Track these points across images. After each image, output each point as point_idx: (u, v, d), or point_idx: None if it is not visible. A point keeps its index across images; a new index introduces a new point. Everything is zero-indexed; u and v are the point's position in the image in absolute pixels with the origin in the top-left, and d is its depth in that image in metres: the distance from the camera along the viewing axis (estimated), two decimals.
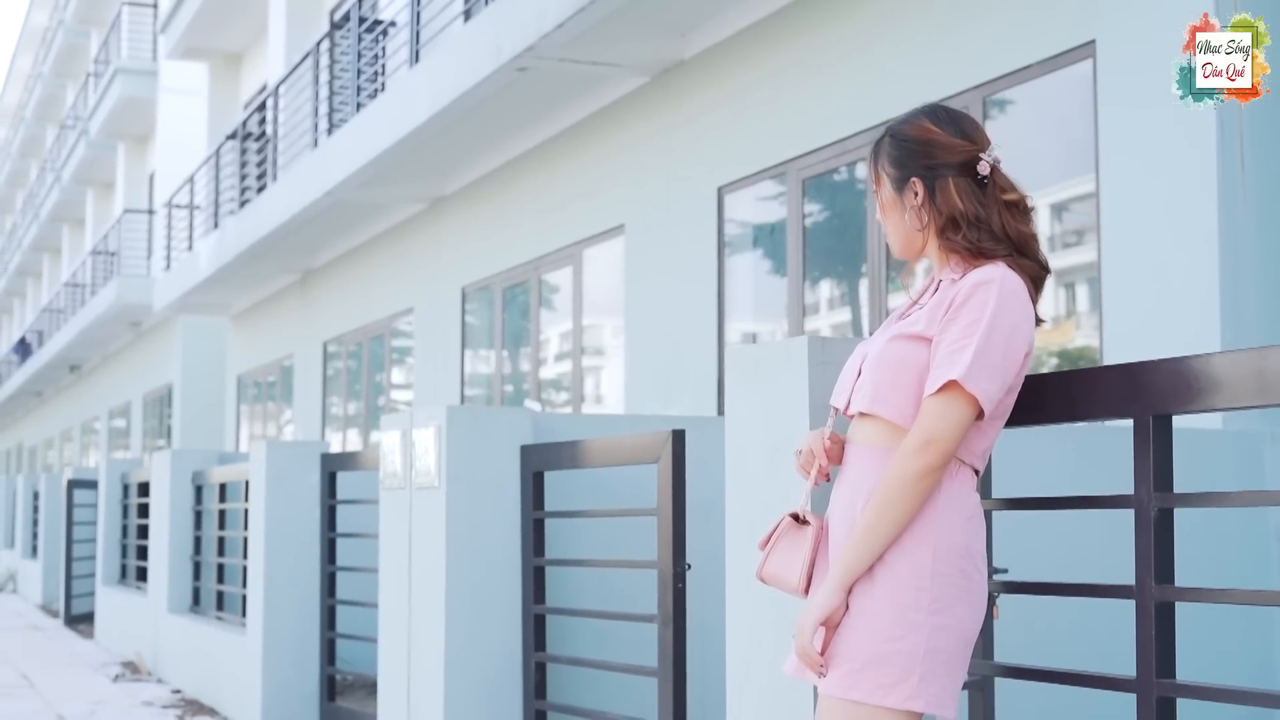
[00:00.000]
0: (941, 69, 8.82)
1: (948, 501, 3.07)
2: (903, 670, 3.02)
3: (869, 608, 3.07)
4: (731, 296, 11.12)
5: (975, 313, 3.06)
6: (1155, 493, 3.00)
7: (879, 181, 3.32)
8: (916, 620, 3.02)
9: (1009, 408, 3.18)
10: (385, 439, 6.57)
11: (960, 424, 3.04)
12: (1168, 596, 2.98)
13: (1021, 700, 5.12)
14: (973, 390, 3.01)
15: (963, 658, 3.09)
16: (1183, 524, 5.80)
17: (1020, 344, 3.09)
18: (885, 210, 3.31)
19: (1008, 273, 3.13)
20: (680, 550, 5.12)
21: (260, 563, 8.64)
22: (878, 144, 3.34)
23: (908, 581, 3.04)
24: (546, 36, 10.79)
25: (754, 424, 4.01)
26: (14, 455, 58.26)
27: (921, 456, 3.03)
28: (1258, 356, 2.78)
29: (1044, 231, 8.29)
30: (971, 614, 3.08)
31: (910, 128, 3.30)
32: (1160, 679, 2.98)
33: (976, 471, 3.18)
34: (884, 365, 3.19)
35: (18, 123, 51.91)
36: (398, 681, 6.35)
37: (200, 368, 27.98)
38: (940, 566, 3.04)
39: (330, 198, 16.14)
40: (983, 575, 3.11)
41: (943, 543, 3.05)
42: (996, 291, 3.07)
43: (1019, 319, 3.09)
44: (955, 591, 3.05)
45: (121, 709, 9.69)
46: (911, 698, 3.02)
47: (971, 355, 3.02)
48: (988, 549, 4.25)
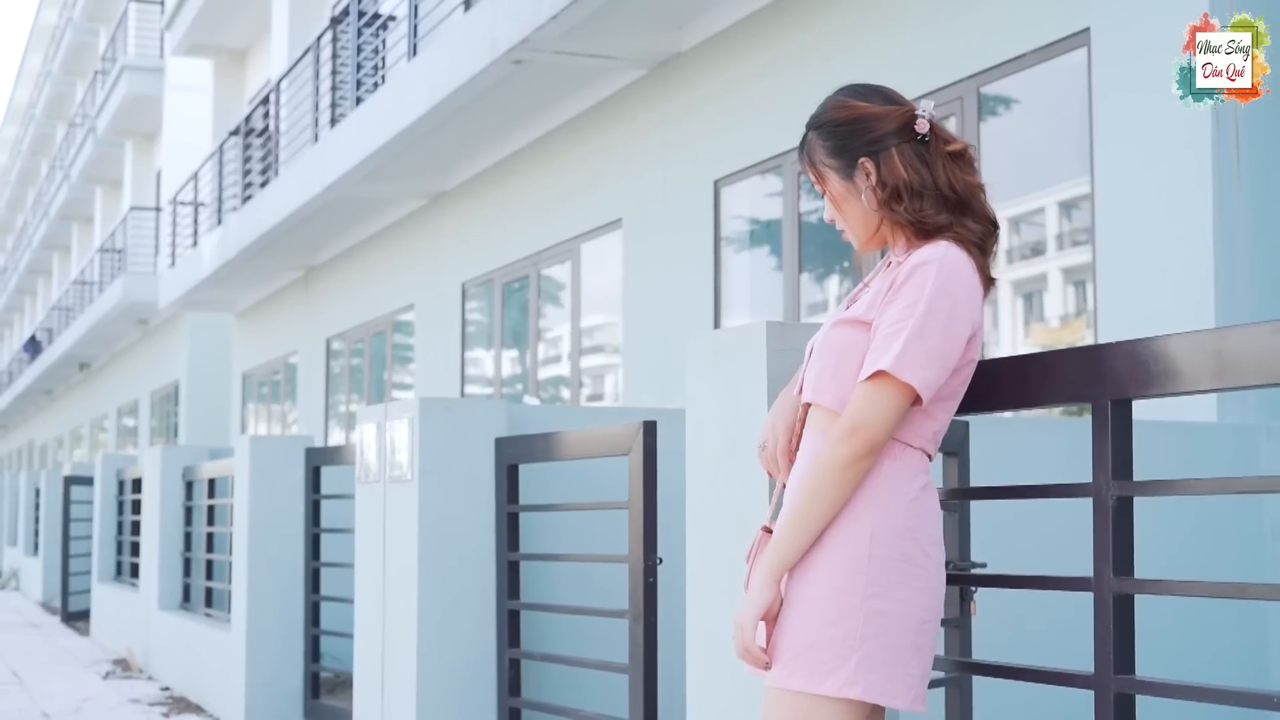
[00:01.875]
0: (936, 60, 8.72)
1: (889, 484, 2.94)
2: (837, 657, 2.89)
3: (806, 594, 2.95)
4: (728, 290, 11.02)
5: (912, 295, 2.94)
6: (1113, 480, 2.87)
7: (822, 180, 3.17)
8: (850, 604, 2.89)
9: (959, 389, 3.05)
10: (361, 432, 6.46)
11: (890, 411, 2.91)
12: (1126, 589, 2.85)
13: (1011, 699, 5.01)
14: (905, 378, 2.89)
15: (913, 645, 2.93)
16: (1178, 521, 5.74)
17: (962, 325, 2.96)
18: (839, 205, 3.15)
19: (950, 251, 3.01)
20: (651, 544, 5.00)
21: (244, 558, 8.54)
22: (803, 145, 3.21)
23: (843, 565, 2.92)
24: (541, 29, 10.69)
25: (713, 412, 3.89)
26: (25, 453, 58.28)
27: (847, 444, 2.91)
28: (1216, 337, 2.66)
29: (1052, 230, 8.17)
30: (919, 599, 2.93)
31: (836, 112, 3.16)
32: (1119, 675, 2.86)
33: (929, 455, 3.05)
34: (826, 352, 3.09)
35: (28, 121, 51.94)
36: (372, 679, 6.24)
37: (207, 365, 27.94)
38: (878, 550, 2.91)
39: (330, 193, 16.07)
40: (933, 560, 2.97)
41: (882, 525, 2.92)
42: (935, 272, 2.95)
43: (960, 299, 2.96)
44: (896, 576, 2.91)
45: (107, 706, 9.59)
46: (848, 685, 2.88)
47: (903, 342, 2.90)
48: (966, 541, 4.16)
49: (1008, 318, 8.29)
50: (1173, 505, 5.77)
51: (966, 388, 3.10)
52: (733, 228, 11.01)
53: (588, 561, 5.62)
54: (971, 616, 4.14)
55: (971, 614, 4.15)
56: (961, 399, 3.09)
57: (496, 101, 12.79)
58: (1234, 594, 2.68)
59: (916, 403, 2.95)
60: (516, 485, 5.90)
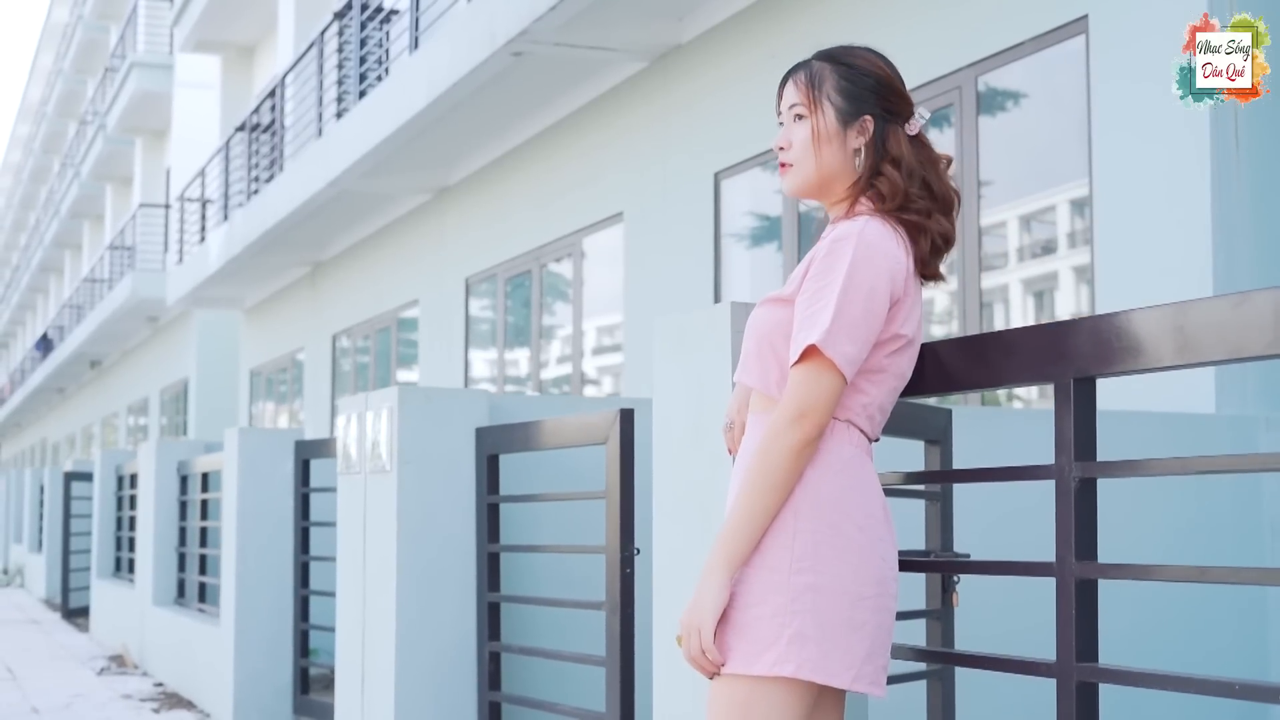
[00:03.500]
0: (935, 49, 8.62)
1: (816, 458, 2.85)
2: (768, 635, 2.79)
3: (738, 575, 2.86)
4: (729, 282, 10.93)
5: (831, 271, 2.87)
6: (1076, 461, 2.77)
7: (815, 109, 3.06)
8: (778, 581, 2.80)
9: (890, 363, 2.96)
10: (341, 423, 6.38)
11: (829, 391, 2.83)
12: (1089, 573, 2.75)
13: (998, 695, 4.92)
14: (829, 354, 2.81)
15: (849, 621, 2.81)
16: (1177, 512, 5.65)
17: (882, 298, 2.88)
18: (818, 141, 3.03)
19: (870, 224, 2.94)
20: (629, 534, 4.91)
21: (233, 553, 8.46)
22: (805, 69, 3.11)
23: (770, 542, 2.82)
24: (540, 20, 10.61)
25: (678, 395, 3.80)
26: (38, 451, 58.37)
27: (797, 430, 2.82)
28: (1178, 312, 2.57)
29: (1064, 228, 8.08)
30: (853, 573, 2.82)
31: (865, 63, 3.10)
32: (1081, 663, 2.76)
33: (863, 430, 2.95)
34: (750, 332, 3.05)
35: (40, 119, 52.03)
36: (353, 671, 6.16)
37: (216, 362, 27.91)
38: (804, 524, 2.82)
39: (335, 188, 16.01)
40: (868, 534, 2.86)
41: (807, 498, 2.83)
42: (853, 245, 2.88)
43: (880, 270, 2.88)
44: (826, 549, 2.81)
45: (98, 702, 9.52)
46: (780, 663, 2.77)
47: (830, 318, 2.82)
48: (949, 531, 4.06)
49: (1019, 317, 8.19)
50: (1169, 502, 5.68)
51: (913, 365, 3.01)
52: (733, 220, 10.92)
53: (566, 552, 5.54)
54: (954, 608, 4.06)
55: (954, 605, 4.07)
56: (908, 377, 3.01)
57: (497, 95, 12.71)
58: (1195, 577, 2.57)
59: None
60: (497, 475, 5.81)
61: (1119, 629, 4.90)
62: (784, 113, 3.12)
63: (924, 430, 3.98)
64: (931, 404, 4.06)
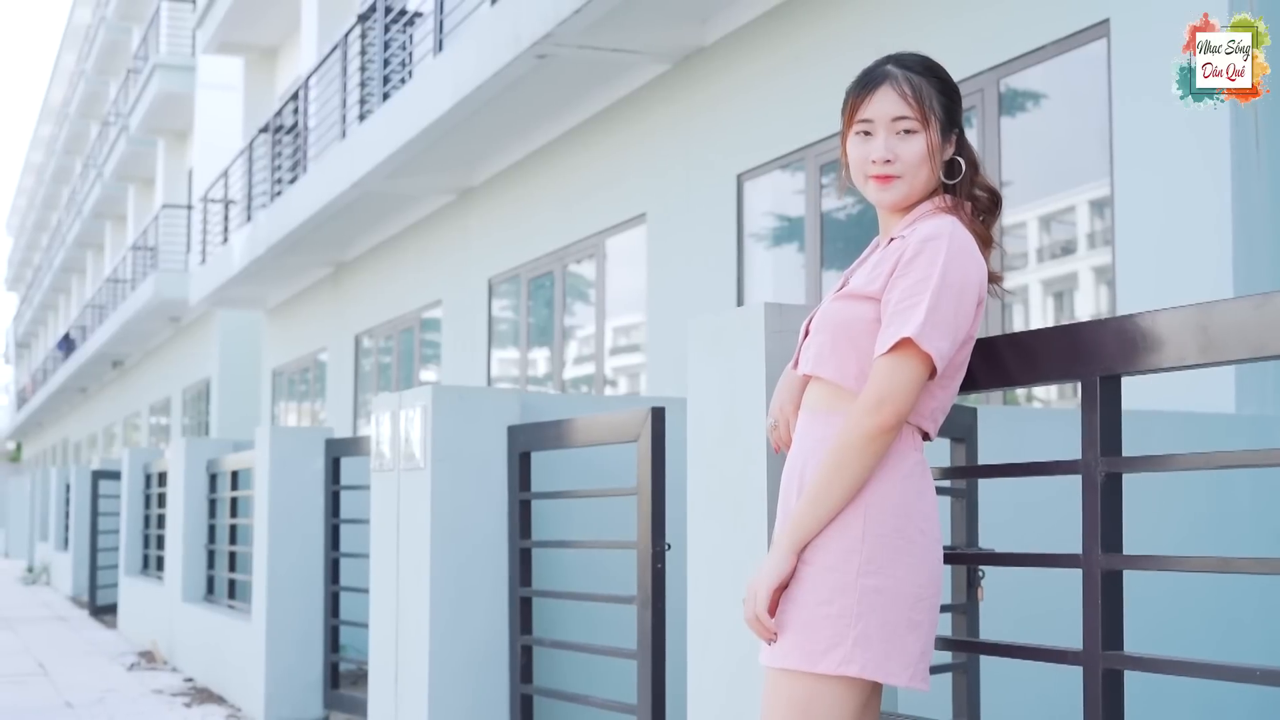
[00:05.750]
0: (957, 52, 8.69)
1: (885, 460, 2.95)
2: (834, 635, 2.90)
3: (800, 573, 2.96)
4: (751, 284, 11.02)
5: (925, 269, 2.95)
6: (1102, 457, 2.87)
7: (926, 123, 3.07)
8: (846, 582, 2.90)
9: (961, 366, 3.07)
10: (375, 421, 6.49)
11: (913, 383, 2.92)
12: (1114, 565, 2.85)
13: (1022, 687, 5.01)
14: (926, 348, 2.90)
15: (909, 621, 2.93)
16: (1199, 510, 5.73)
17: (971, 299, 2.98)
18: (932, 155, 3.07)
19: (957, 227, 3.02)
20: (660, 530, 5.00)
21: (264, 550, 8.58)
22: (911, 81, 3.09)
23: (837, 543, 2.93)
24: (564, 23, 10.71)
25: (712, 395, 3.90)
26: (60, 451, 58.59)
27: (875, 416, 2.90)
28: (1201, 313, 2.66)
29: (1083, 229, 8.15)
30: (914, 576, 2.94)
31: (947, 74, 3.17)
32: (1107, 651, 2.86)
33: (927, 434, 3.06)
34: (825, 326, 3.10)
35: (62, 120, 52.21)
36: (386, 666, 6.26)
37: (238, 362, 28.03)
38: (872, 527, 2.92)
39: (358, 189, 16.12)
40: (927, 536, 2.97)
41: (876, 502, 2.93)
42: (946, 246, 2.96)
43: (970, 273, 2.98)
44: (891, 553, 2.92)
45: (129, 697, 9.64)
46: (845, 663, 2.89)
47: (924, 312, 2.90)
48: (974, 525, 4.16)
49: (1039, 317, 8.27)
50: (1192, 500, 5.77)
51: (965, 368, 3.11)
52: (756, 222, 11.01)
53: (597, 548, 5.64)
54: (979, 601, 4.15)
55: (979, 599, 4.16)
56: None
57: (521, 97, 12.81)
58: (1219, 568, 2.67)
59: (930, 376, 2.97)
60: (529, 473, 5.92)
61: (1144, 622, 5.00)
62: (879, 122, 3.09)
63: (950, 428, 4.07)
64: (956, 402, 4.16)
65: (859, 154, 3.13)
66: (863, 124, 3.11)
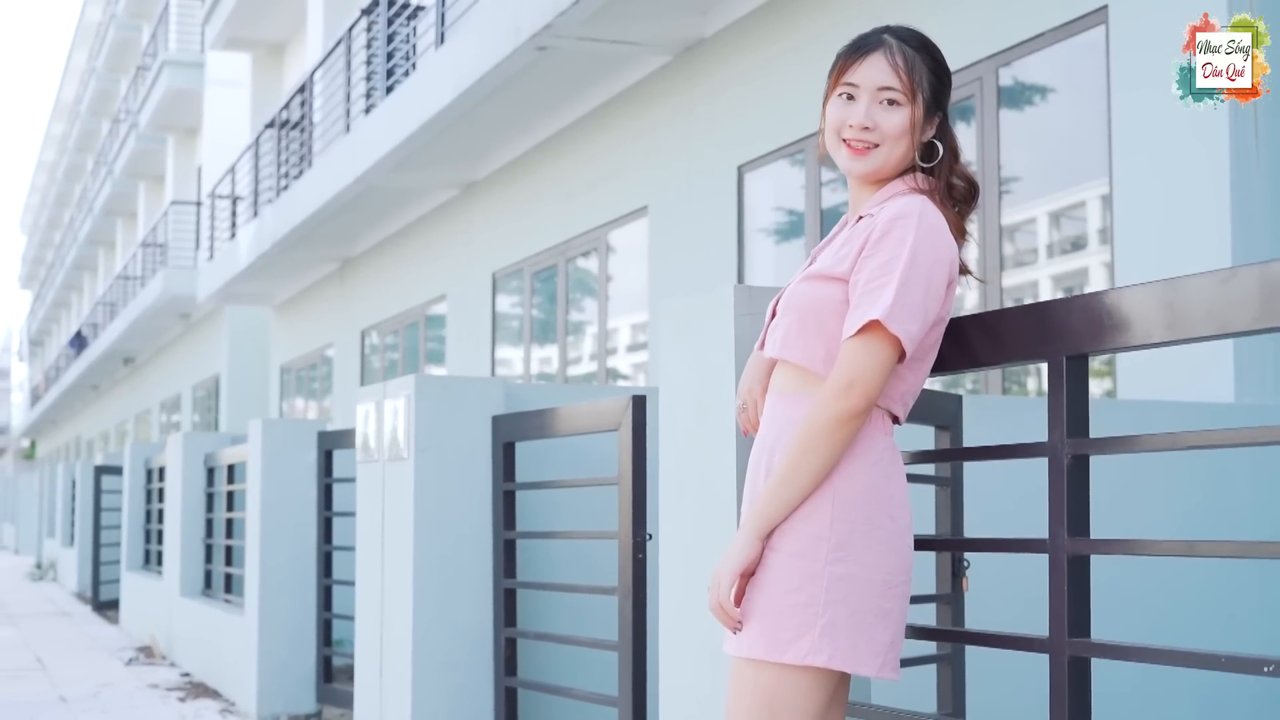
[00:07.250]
0: (956, 40, 8.61)
1: (854, 446, 2.87)
2: (801, 624, 2.81)
3: (767, 560, 2.87)
4: (751, 275, 10.96)
5: (894, 249, 2.86)
6: (1069, 439, 2.79)
7: (912, 97, 2.99)
8: (814, 570, 2.82)
9: (932, 348, 2.98)
10: (360, 412, 6.42)
11: (883, 366, 2.83)
12: (1080, 550, 2.78)
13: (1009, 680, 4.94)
14: (895, 330, 2.81)
15: (878, 609, 2.84)
16: (1195, 501, 5.65)
17: (941, 280, 2.89)
18: (911, 130, 2.99)
19: (927, 205, 2.93)
20: (641, 519, 4.94)
21: (257, 543, 8.52)
22: (904, 52, 3.02)
23: (805, 530, 2.84)
24: (564, 14, 10.65)
25: (682, 380, 3.83)
26: (72, 448, 58.67)
27: (843, 400, 2.81)
28: (1167, 288, 2.59)
29: (1095, 224, 8.08)
30: (884, 563, 2.85)
31: (941, 54, 3.08)
32: (1073, 638, 2.78)
33: (897, 418, 2.98)
34: (792, 307, 3.01)
35: (74, 118, 52.28)
36: (371, 657, 6.20)
37: (247, 358, 28.02)
38: (841, 513, 2.83)
39: (363, 183, 16.08)
40: (897, 522, 2.88)
41: (845, 488, 2.84)
42: (915, 225, 2.87)
43: (940, 253, 2.89)
44: (859, 539, 2.83)
45: (125, 691, 9.60)
46: (812, 653, 2.80)
47: (893, 294, 2.81)
48: (959, 515, 4.08)
49: None
50: (1189, 490, 5.69)
51: (936, 350, 3.03)
52: (757, 214, 10.94)
53: (577, 538, 5.57)
54: (964, 591, 4.08)
55: (964, 589, 4.09)
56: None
57: (522, 90, 12.76)
58: (1183, 552, 2.59)
59: (900, 359, 2.88)
60: (513, 463, 5.85)
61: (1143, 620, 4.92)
62: (865, 88, 3.01)
63: (935, 415, 4.00)
64: (941, 390, 4.09)
65: (838, 116, 3.05)
66: (847, 86, 3.04)
